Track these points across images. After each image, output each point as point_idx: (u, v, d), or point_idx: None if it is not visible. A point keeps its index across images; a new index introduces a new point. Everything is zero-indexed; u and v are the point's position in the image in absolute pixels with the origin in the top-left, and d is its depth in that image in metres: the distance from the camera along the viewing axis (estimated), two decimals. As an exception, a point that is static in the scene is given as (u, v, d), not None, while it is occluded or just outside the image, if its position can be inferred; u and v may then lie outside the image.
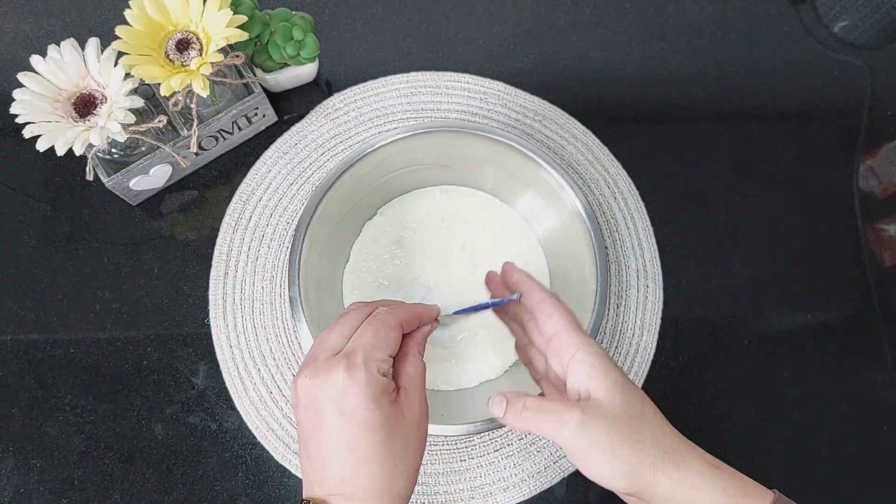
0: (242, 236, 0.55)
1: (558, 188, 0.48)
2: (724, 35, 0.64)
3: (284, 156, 0.57)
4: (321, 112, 0.59)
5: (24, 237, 0.55)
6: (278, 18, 0.54)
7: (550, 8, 0.63)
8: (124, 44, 0.46)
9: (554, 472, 0.50)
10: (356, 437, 0.32)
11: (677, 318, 0.55)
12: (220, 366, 0.52)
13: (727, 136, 0.60)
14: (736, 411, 0.53)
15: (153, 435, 0.51)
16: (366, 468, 0.32)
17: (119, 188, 0.52)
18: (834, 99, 0.62)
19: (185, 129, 0.52)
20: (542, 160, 0.48)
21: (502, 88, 0.60)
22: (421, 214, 0.55)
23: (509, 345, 0.52)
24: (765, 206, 0.59)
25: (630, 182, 0.58)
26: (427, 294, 0.53)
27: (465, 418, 0.44)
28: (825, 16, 0.64)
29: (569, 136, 0.59)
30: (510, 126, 0.58)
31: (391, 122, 0.59)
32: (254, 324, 0.53)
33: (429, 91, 0.60)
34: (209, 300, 0.54)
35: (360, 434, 0.31)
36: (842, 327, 0.56)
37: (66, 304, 0.54)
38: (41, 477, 0.50)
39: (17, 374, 0.52)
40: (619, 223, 0.57)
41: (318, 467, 0.32)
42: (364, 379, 0.32)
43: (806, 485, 0.52)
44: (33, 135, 0.45)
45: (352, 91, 0.59)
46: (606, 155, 0.58)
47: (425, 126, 0.48)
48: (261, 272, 0.55)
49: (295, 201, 0.56)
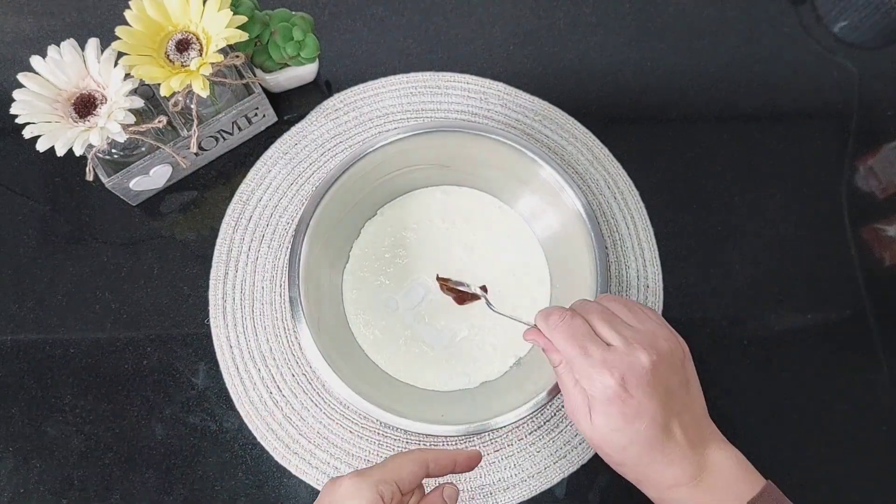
0: (242, 236, 0.55)
1: (558, 188, 0.48)
2: (724, 35, 0.64)
3: (284, 156, 0.57)
4: (321, 112, 0.59)
5: (23, 237, 0.55)
6: (278, 19, 0.54)
7: (550, 8, 0.63)
8: (124, 44, 0.46)
9: (554, 472, 0.50)
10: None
11: (677, 318, 0.55)
12: (220, 366, 0.52)
13: (727, 137, 0.60)
14: (735, 411, 0.53)
15: (153, 435, 0.51)
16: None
17: (119, 188, 0.52)
18: (834, 99, 0.62)
19: (185, 129, 0.52)
20: (542, 160, 0.48)
21: (502, 88, 0.60)
22: (421, 214, 0.55)
23: (509, 345, 0.52)
24: (764, 206, 0.59)
25: (630, 182, 0.58)
26: (427, 294, 0.53)
27: (465, 419, 0.44)
28: (825, 16, 0.64)
29: (569, 137, 0.59)
30: (510, 126, 0.58)
31: (391, 122, 0.59)
32: (254, 324, 0.53)
33: (429, 91, 0.60)
34: (209, 300, 0.54)
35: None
36: (841, 328, 0.56)
37: (65, 304, 0.54)
38: (41, 477, 0.50)
39: (17, 374, 0.52)
40: (619, 223, 0.57)
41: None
42: (365, 494, 0.32)
43: (805, 485, 0.52)
44: (33, 135, 0.45)
45: (352, 91, 0.59)
46: (606, 155, 0.58)
47: (425, 126, 0.49)
48: (261, 272, 0.55)
49: (295, 201, 0.56)
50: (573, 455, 0.51)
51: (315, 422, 0.51)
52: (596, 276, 0.46)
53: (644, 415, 0.35)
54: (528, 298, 0.53)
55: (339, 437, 0.51)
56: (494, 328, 0.52)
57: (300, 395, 0.52)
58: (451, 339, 0.52)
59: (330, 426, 0.51)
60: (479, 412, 0.45)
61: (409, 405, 0.47)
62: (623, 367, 0.35)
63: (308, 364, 0.52)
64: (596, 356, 0.36)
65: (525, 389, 0.46)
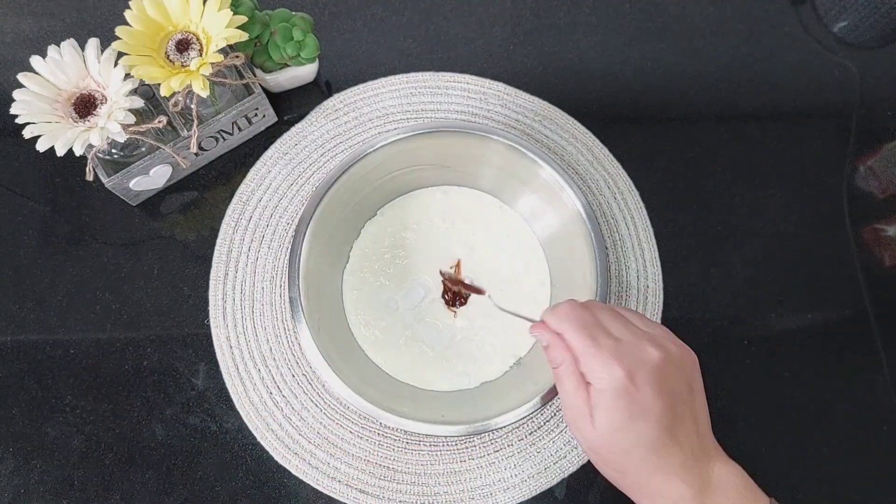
0: (242, 237, 0.55)
1: (558, 188, 0.48)
2: (724, 35, 0.64)
3: (284, 156, 0.57)
4: (321, 112, 0.59)
5: (23, 238, 0.55)
6: (278, 19, 0.54)
7: (550, 8, 0.63)
8: (124, 44, 0.46)
9: (554, 473, 0.50)
10: None
11: (677, 318, 0.55)
12: (220, 366, 0.52)
13: (727, 137, 0.60)
14: (735, 411, 0.53)
15: (153, 435, 0.51)
16: None
17: (119, 189, 0.52)
18: (834, 99, 0.62)
19: (185, 129, 0.52)
20: (542, 160, 0.48)
21: (502, 89, 0.60)
22: (421, 214, 0.55)
23: (510, 345, 0.52)
24: (765, 206, 0.59)
25: (630, 182, 0.58)
26: (427, 294, 0.53)
27: (466, 419, 0.44)
28: (825, 16, 0.64)
29: (569, 137, 0.59)
30: (510, 126, 0.58)
31: (391, 122, 0.59)
32: (254, 324, 0.53)
33: (429, 91, 0.60)
34: (209, 301, 0.54)
35: None
36: (842, 328, 0.56)
37: (66, 304, 0.53)
38: (41, 477, 0.50)
39: (17, 374, 0.52)
40: (619, 223, 0.57)
41: None
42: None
43: (805, 485, 0.52)
44: (33, 135, 0.45)
45: (352, 91, 0.59)
46: (606, 155, 0.58)
47: (425, 126, 0.49)
48: (261, 273, 0.55)
49: (295, 202, 0.56)
50: (573, 455, 0.51)
51: (315, 422, 0.51)
52: (596, 276, 0.46)
53: (650, 413, 0.34)
54: (528, 298, 0.53)
55: (339, 437, 0.51)
56: (494, 328, 0.52)
57: (300, 395, 0.52)
58: (451, 339, 0.52)
59: (330, 426, 0.51)
60: (480, 412, 0.45)
61: (409, 405, 0.47)
62: (632, 360, 0.34)
63: (308, 364, 0.52)
64: (606, 346, 0.35)
65: (525, 390, 0.46)
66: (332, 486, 0.50)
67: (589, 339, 0.35)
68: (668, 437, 0.35)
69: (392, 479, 0.50)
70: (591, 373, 0.35)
